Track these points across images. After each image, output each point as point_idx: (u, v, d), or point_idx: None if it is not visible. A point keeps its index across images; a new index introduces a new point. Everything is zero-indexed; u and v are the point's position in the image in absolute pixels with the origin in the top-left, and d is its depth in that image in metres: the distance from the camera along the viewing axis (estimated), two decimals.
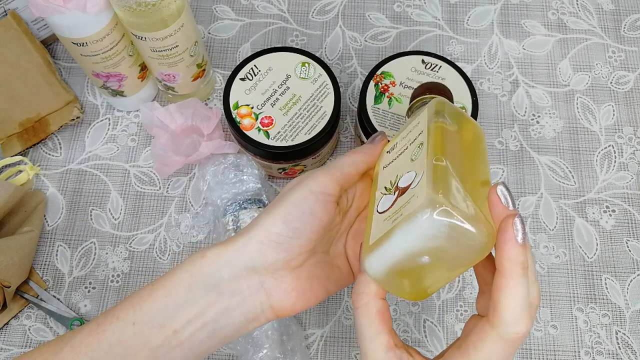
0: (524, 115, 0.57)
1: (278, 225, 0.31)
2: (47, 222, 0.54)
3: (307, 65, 0.50)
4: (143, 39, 0.47)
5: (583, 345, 0.49)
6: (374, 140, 0.36)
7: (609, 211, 0.54)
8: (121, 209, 0.54)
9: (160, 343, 0.30)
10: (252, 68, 0.50)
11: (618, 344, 0.49)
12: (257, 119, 0.49)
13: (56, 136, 0.57)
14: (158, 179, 0.55)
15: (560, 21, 0.61)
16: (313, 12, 0.62)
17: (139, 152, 0.56)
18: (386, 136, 0.36)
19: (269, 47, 0.54)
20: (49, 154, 0.56)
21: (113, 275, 0.52)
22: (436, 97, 0.36)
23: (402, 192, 0.29)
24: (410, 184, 0.29)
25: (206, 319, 0.30)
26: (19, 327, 0.50)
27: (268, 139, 0.48)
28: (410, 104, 0.39)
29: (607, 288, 0.51)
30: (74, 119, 0.55)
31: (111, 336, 0.30)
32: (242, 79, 0.50)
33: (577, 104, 0.58)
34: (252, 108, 0.49)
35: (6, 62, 0.56)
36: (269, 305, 0.31)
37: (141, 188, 0.55)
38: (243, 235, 0.31)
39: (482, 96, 0.58)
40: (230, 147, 0.52)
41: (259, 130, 0.48)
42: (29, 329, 0.50)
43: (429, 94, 0.38)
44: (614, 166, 0.55)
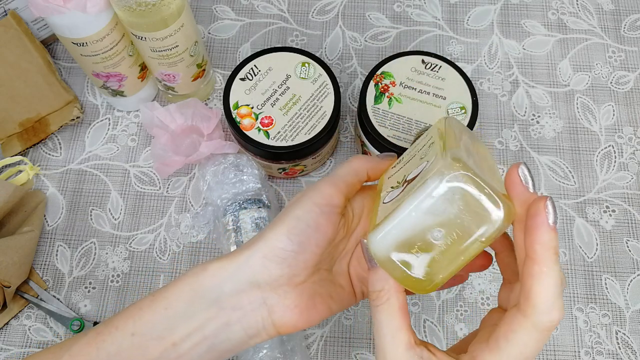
0: (524, 115, 0.57)
1: (282, 240, 0.30)
2: (47, 222, 0.54)
3: (307, 65, 0.50)
4: (143, 39, 0.47)
5: (583, 345, 0.49)
6: (383, 156, 0.35)
7: (609, 211, 0.54)
8: (121, 209, 0.54)
9: (158, 355, 0.30)
10: (252, 68, 0.50)
11: (618, 344, 0.49)
12: (257, 119, 0.49)
13: (56, 136, 0.57)
14: (158, 179, 0.55)
15: (560, 21, 0.61)
16: (313, 12, 0.62)
17: (139, 152, 0.56)
18: (396, 157, 0.35)
19: (269, 47, 0.54)
20: (49, 154, 0.56)
21: (113, 275, 0.52)
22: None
23: (412, 180, 0.27)
24: (421, 171, 0.27)
25: (206, 333, 0.30)
26: (19, 327, 0.50)
27: (268, 139, 0.48)
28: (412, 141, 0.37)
29: (607, 288, 0.51)
30: (74, 119, 0.55)
31: (110, 346, 0.30)
32: (242, 79, 0.50)
33: (577, 104, 0.58)
34: (252, 108, 0.49)
35: (6, 62, 0.56)
36: (271, 322, 0.31)
37: (141, 188, 0.55)
38: (246, 250, 0.31)
39: (482, 96, 0.58)
40: (230, 147, 0.52)
41: (259, 130, 0.48)
42: (29, 329, 0.50)
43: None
44: (614, 166, 0.55)
